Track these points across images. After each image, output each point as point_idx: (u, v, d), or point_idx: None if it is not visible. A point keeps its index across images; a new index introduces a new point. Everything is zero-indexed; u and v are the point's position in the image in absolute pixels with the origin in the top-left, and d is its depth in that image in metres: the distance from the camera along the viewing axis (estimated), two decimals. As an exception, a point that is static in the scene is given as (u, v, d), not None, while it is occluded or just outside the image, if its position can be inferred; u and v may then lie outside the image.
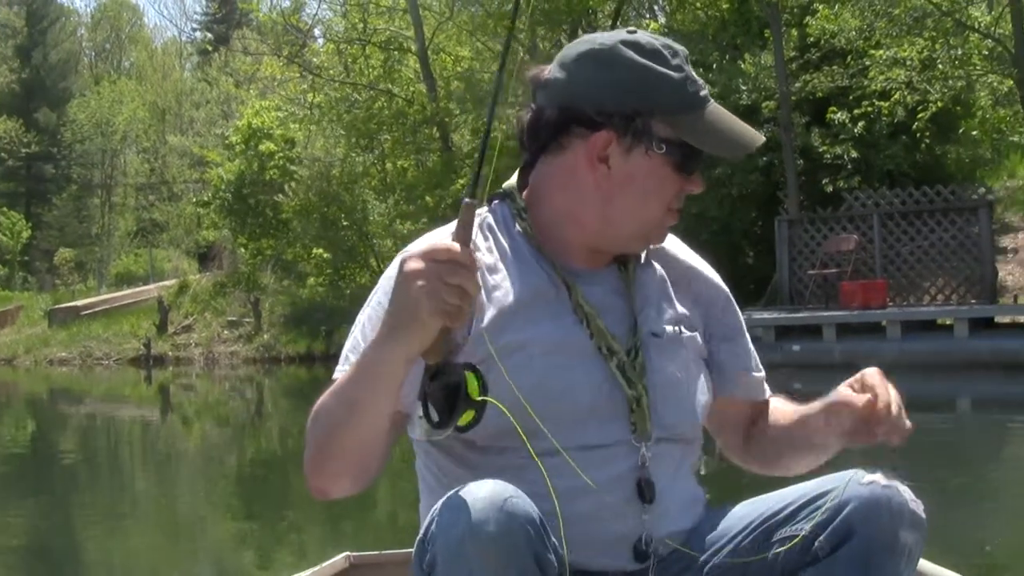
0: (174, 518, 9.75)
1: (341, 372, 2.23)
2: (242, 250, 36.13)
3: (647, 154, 2.22)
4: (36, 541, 8.73)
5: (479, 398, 1.91)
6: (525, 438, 2.08)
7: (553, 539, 1.97)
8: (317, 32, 37.59)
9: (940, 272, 21.13)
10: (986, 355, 17.24)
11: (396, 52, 31.37)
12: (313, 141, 34.16)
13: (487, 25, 28.67)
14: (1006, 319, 19.53)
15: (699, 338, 2.40)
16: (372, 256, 31.85)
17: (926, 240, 20.91)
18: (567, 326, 2.23)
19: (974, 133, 24.65)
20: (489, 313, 2.20)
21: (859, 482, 2.13)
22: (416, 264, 1.89)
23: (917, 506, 2.12)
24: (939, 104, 21.83)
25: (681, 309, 2.38)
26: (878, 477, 2.13)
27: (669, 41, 2.27)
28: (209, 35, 69.34)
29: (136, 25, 75.20)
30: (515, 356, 2.17)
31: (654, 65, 2.22)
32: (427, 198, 28.06)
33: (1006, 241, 24.58)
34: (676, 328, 2.34)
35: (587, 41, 2.29)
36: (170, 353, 33.21)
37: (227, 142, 37.45)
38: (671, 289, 2.40)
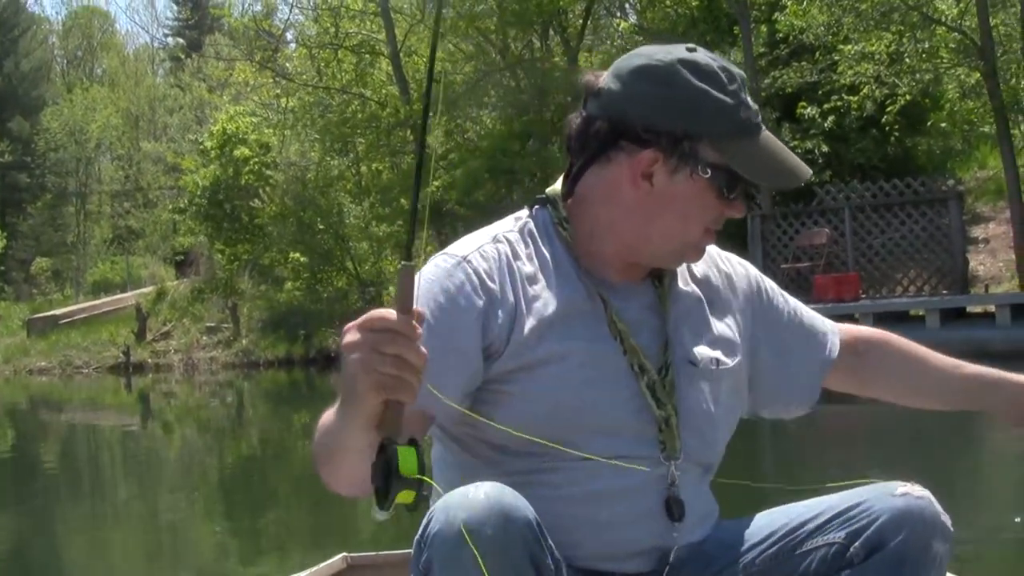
0: (169, 521, 9.76)
1: None
2: (219, 256, 36.17)
3: (691, 177, 2.21)
4: (41, 551, 8.71)
5: (415, 476, 1.76)
6: (554, 444, 2.13)
7: (550, 542, 1.98)
8: (289, 36, 37.66)
9: (912, 264, 21.32)
10: (958, 345, 17.39)
11: (368, 55, 31.44)
12: (288, 145, 34.21)
13: (459, 27, 28.77)
14: (978, 309, 19.71)
15: (739, 363, 2.40)
16: (349, 259, 31.96)
17: (897, 232, 21.09)
18: (602, 341, 2.23)
19: (943, 125, 24.88)
20: (528, 323, 2.19)
21: (893, 493, 2.18)
22: (351, 336, 1.82)
23: (947, 518, 2.17)
24: (907, 97, 22.00)
25: (719, 330, 2.39)
26: (911, 489, 2.18)
27: (727, 64, 2.26)
28: (181, 40, 69.22)
29: (108, 32, 74.88)
30: (552, 366, 2.18)
31: (709, 89, 2.20)
32: (402, 200, 28.15)
33: (977, 231, 24.76)
34: (712, 358, 2.33)
35: (645, 55, 2.27)
36: (149, 360, 33.28)
37: (202, 148, 37.49)
38: (708, 309, 2.40)
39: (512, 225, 2.34)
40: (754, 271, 2.56)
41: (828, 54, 22.99)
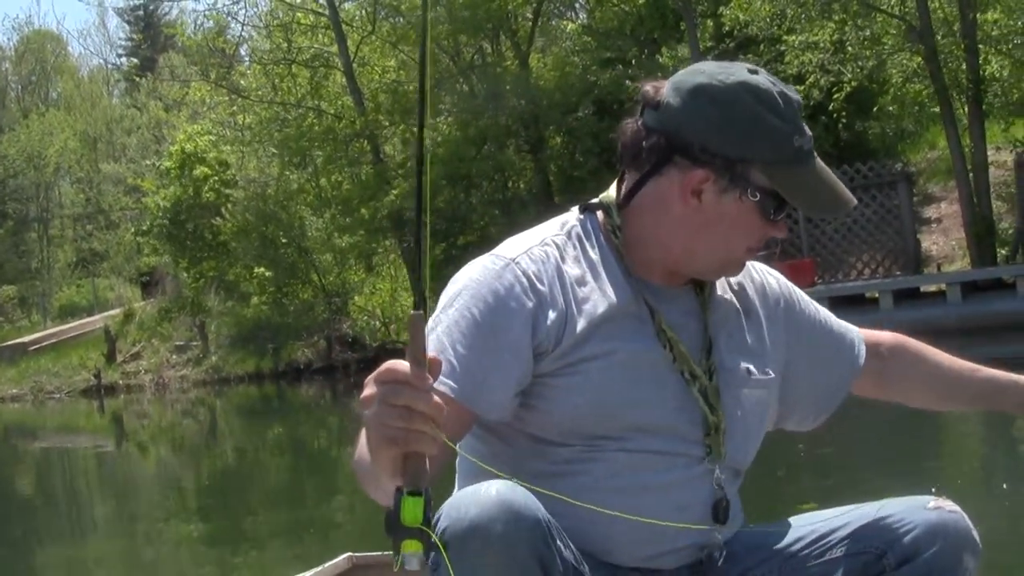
0: (175, 524, 9.82)
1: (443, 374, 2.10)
2: (184, 274, 36.19)
3: (740, 199, 2.25)
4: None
5: (419, 526, 1.74)
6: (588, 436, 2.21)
7: (561, 544, 2.01)
8: (243, 51, 37.73)
9: (865, 247, 21.73)
10: (911, 325, 17.77)
11: (323, 69, 31.60)
12: (246, 162, 34.29)
13: (409, 36, 28.98)
14: (932, 288, 20.09)
15: (773, 377, 2.44)
16: (313, 271, 32.08)
17: (849, 217, 21.44)
18: (647, 343, 2.27)
19: (891, 108, 25.24)
20: (579, 324, 2.21)
21: (925, 506, 2.24)
22: (367, 390, 1.79)
23: (976, 534, 2.23)
24: (852, 84, 22.32)
25: (753, 340, 2.43)
26: (943, 503, 2.25)
27: (786, 88, 2.28)
28: (135, 60, 69.05)
29: (61, 55, 74.60)
30: (598, 361, 2.22)
31: (766, 114, 2.22)
32: (362, 210, 28.31)
33: (929, 211, 25.15)
34: (746, 367, 2.37)
35: (707, 74, 2.28)
36: (120, 382, 33.32)
37: (161, 169, 37.53)
38: (744, 319, 2.44)
39: (559, 229, 2.36)
40: (784, 281, 2.59)
41: (774, 46, 23.29)
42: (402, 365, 1.75)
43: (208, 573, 7.82)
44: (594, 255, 2.32)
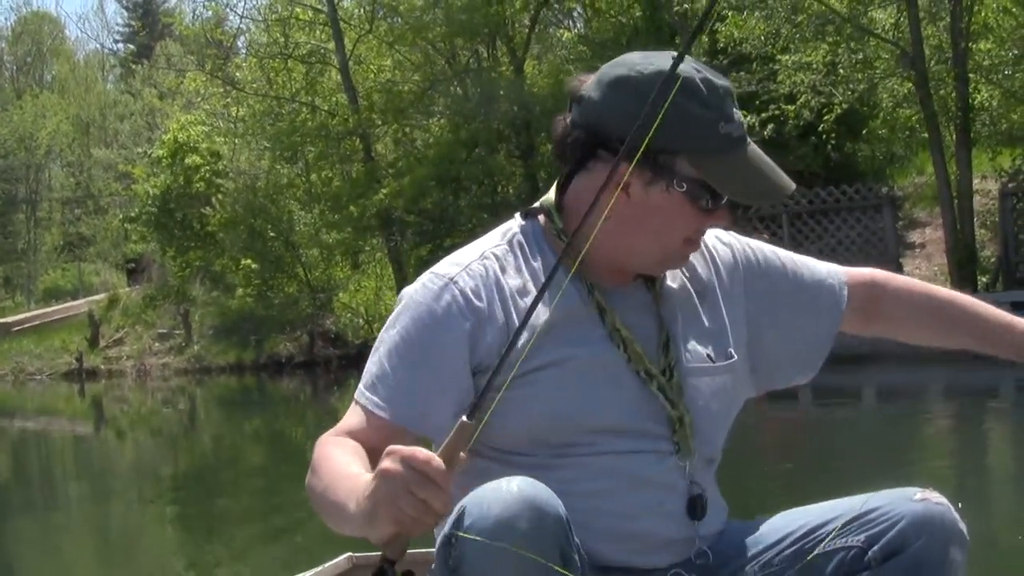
0: (175, 521, 9.79)
1: (365, 399, 2.22)
2: (170, 263, 36.27)
3: (667, 190, 2.17)
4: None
5: None
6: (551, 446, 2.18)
7: (575, 539, 1.97)
8: (241, 43, 37.81)
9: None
10: (888, 345, 17.99)
11: (318, 65, 31.71)
12: (238, 154, 34.37)
13: (406, 37, 29.09)
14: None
15: (736, 359, 2.37)
16: (299, 266, 32.21)
17: (833, 238, 21.65)
18: (600, 346, 2.22)
19: (882, 132, 25.42)
20: (522, 337, 2.11)
21: (911, 499, 2.16)
22: (392, 464, 1.85)
23: (963, 526, 2.16)
24: (843, 106, 22.49)
25: (711, 322, 2.36)
26: (930, 495, 2.17)
27: (712, 76, 2.20)
28: (132, 47, 69.00)
29: (58, 38, 74.48)
30: (549, 370, 2.18)
31: (687, 103, 2.13)
32: (351, 208, 28.41)
33: (914, 236, 25.30)
34: (707, 354, 2.31)
35: (627, 65, 2.23)
36: (102, 366, 33.41)
37: (153, 157, 37.59)
38: (698, 302, 2.37)
39: (500, 240, 2.31)
40: (742, 244, 2.49)
41: (767, 64, 23.45)
42: (436, 461, 1.84)
43: (210, 571, 7.79)
44: (536, 262, 2.27)
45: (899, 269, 21.82)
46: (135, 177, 38.71)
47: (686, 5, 23.70)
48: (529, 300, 2.16)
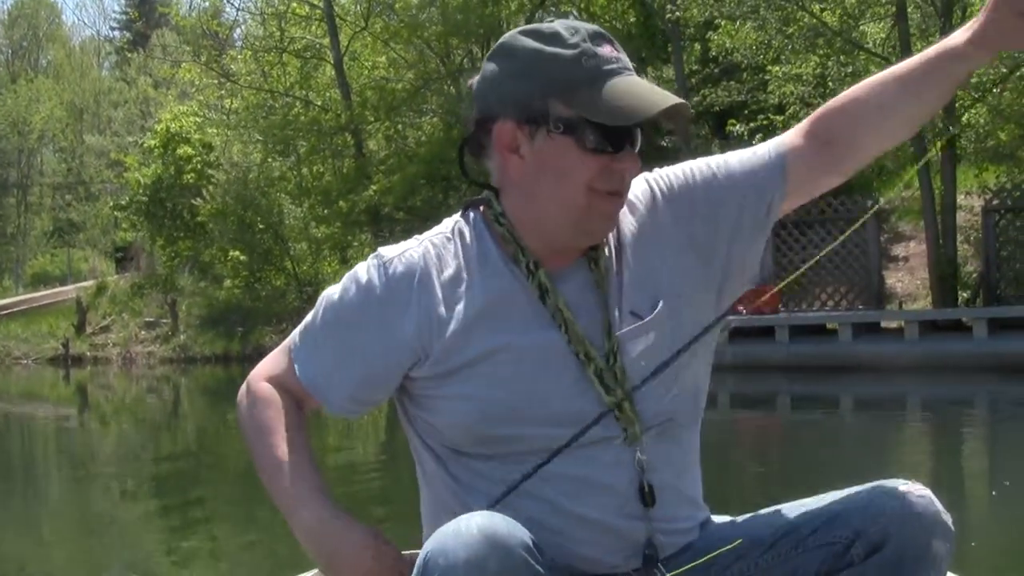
0: (166, 520, 9.58)
1: (295, 351, 2.32)
2: (159, 252, 36.38)
3: (550, 136, 2.13)
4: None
5: None
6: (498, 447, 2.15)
7: (547, 557, 1.95)
8: (236, 35, 37.94)
9: (830, 279, 22.02)
10: (868, 358, 18.25)
11: (313, 60, 31.84)
12: (230, 146, 34.49)
13: (401, 34, 29.26)
14: (893, 324, 20.40)
15: (661, 305, 2.23)
16: (287, 259, 32.34)
17: (816, 249, 21.76)
18: (540, 331, 2.16)
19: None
20: (451, 327, 2.14)
21: (894, 492, 2.12)
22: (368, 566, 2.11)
23: (948, 517, 2.11)
24: (832, 118, 22.57)
25: (639, 274, 2.25)
26: (912, 487, 2.13)
27: (573, 22, 2.18)
28: (128, 34, 68.99)
29: (54, 23, 74.50)
30: (481, 366, 2.14)
31: (546, 47, 2.13)
32: (341, 203, 28.53)
33: (898, 249, 25.42)
34: (658, 302, 2.21)
35: (500, 40, 2.24)
36: (88, 353, 33.48)
37: (145, 146, 37.68)
38: (631, 256, 2.26)
39: (444, 228, 2.29)
40: (654, 176, 2.35)
41: (756, 74, 23.61)
42: None
43: (200, 572, 7.65)
44: (475, 249, 2.23)
45: (882, 281, 22.05)
46: (127, 165, 38.79)
47: (677, 13, 23.86)
48: (463, 288, 2.19)
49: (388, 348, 2.20)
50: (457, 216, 2.31)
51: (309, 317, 2.32)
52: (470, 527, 1.87)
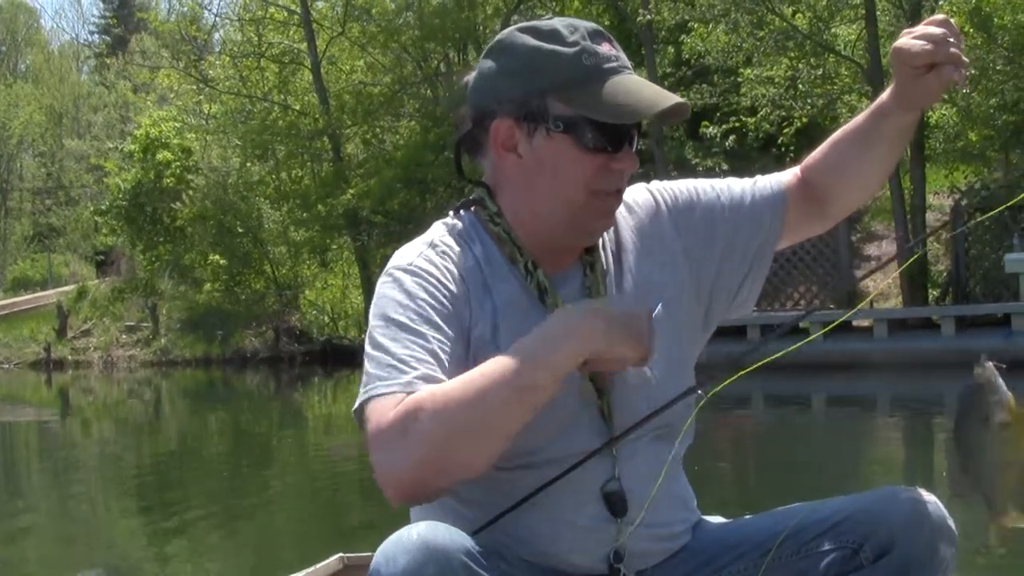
0: (164, 519, 9.64)
1: (385, 387, 2.04)
2: (139, 256, 36.43)
3: (548, 135, 2.13)
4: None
5: None
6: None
7: (487, 565, 1.95)
8: (215, 39, 38.01)
9: (801, 279, 22.27)
10: (839, 356, 18.50)
11: (291, 65, 31.97)
12: (209, 150, 34.59)
13: (378, 39, 29.43)
14: (865, 323, 20.63)
15: (684, 299, 2.30)
16: (266, 262, 32.49)
17: (788, 249, 21.80)
18: None
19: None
20: (481, 324, 2.14)
21: (900, 497, 2.14)
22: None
23: (953, 522, 2.13)
24: (803, 120, 22.86)
25: (646, 276, 2.29)
26: (918, 493, 2.15)
27: (571, 19, 2.19)
28: (107, 39, 68.84)
29: (33, 27, 74.19)
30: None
31: (544, 44, 2.13)
32: (319, 207, 28.67)
33: (871, 249, 25.61)
34: (655, 307, 2.19)
35: (497, 37, 2.23)
36: (69, 357, 33.49)
37: (124, 151, 37.74)
38: (642, 257, 2.30)
39: (443, 231, 2.25)
40: (658, 187, 2.40)
41: (729, 77, 23.81)
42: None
43: (200, 571, 7.75)
44: (478, 251, 2.21)
45: (851, 280, 22.27)
46: (107, 170, 38.82)
47: (648, 16, 24.12)
48: (481, 289, 2.16)
49: (461, 326, 2.14)
50: (450, 219, 2.29)
51: (370, 349, 2.11)
52: (411, 535, 1.92)
